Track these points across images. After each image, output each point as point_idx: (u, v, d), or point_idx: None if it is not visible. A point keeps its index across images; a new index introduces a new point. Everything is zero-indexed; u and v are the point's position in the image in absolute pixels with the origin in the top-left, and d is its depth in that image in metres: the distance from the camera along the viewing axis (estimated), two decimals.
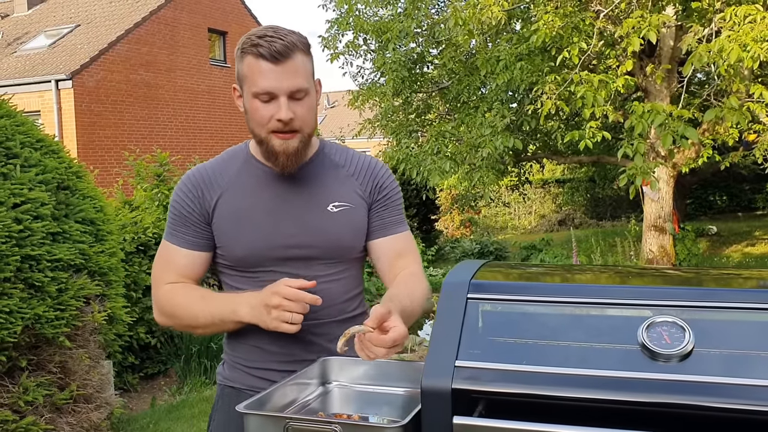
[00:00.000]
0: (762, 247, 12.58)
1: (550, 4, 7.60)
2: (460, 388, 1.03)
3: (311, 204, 1.62)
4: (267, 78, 1.51)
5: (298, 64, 1.53)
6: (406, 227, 1.75)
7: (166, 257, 1.67)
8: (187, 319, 1.61)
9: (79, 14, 17.78)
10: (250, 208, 1.61)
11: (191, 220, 1.63)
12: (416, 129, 11.06)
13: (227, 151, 1.73)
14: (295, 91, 1.52)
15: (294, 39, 1.53)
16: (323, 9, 11.67)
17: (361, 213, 1.66)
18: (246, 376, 1.63)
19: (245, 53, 1.54)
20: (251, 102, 1.55)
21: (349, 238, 1.64)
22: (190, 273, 1.65)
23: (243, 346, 1.64)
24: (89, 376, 3.80)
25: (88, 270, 3.94)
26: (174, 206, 1.65)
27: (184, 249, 1.64)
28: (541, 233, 16.89)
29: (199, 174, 1.66)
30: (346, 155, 1.72)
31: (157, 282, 1.66)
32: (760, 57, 5.82)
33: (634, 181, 6.85)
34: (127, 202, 6.66)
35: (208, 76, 18.26)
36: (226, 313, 1.54)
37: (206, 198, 1.62)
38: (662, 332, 1.05)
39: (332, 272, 1.63)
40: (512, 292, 1.18)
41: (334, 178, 1.66)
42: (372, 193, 1.68)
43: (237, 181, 1.64)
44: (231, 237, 1.61)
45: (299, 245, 1.60)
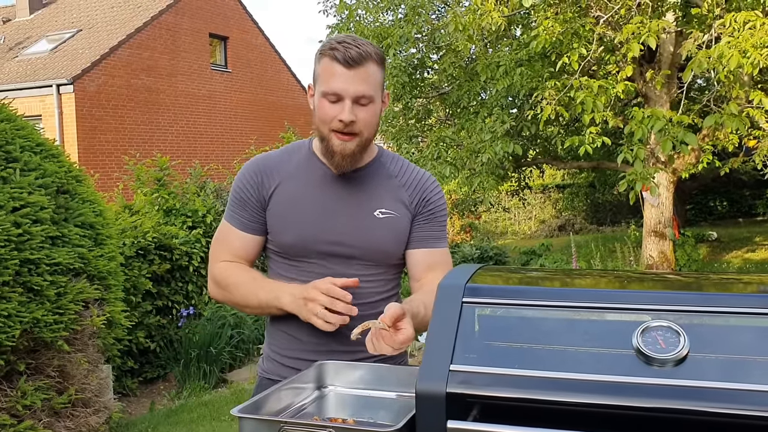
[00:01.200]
0: (762, 252, 12.56)
1: (550, 10, 7.61)
2: (454, 392, 1.03)
3: (360, 207, 1.73)
4: (337, 80, 1.61)
5: (369, 72, 1.63)
6: (446, 244, 1.84)
7: (224, 236, 1.80)
8: (237, 297, 1.74)
9: (81, 19, 17.82)
10: (303, 200, 1.72)
11: (249, 204, 1.74)
12: (416, 134, 11.07)
13: (291, 144, 1.85)
14: (360, 96, 1.62)
15: (369, 49, 1.64)
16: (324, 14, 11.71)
17: (404, 222, 1.75)
18: (279, 367, 1.74)
19: (323, 55, 1.65)
20: (320, 100, 1.65)
21: (390, 244, 1.74)
22: (243, 253, 1.77)
23: (279, 334, 1.75)
24: (88, 380, 3.80)
25: (87, 274, 3.95)
26: (235, 189, 1.77)
27: (239, 231, 1.76)
28: (541, 238, 16.88)
29: (262, 162, 1.78)
30: (401, 166, 1.82)
31: (214, 258, 1.80)
32: (759, 63, 5.83)
33: (633, 187, 6.85)
34: (127, 206, 6.67)
35: (209, 81, 18.28)
36: (270, 298, 1.66)
37: (265, 185, 1.74)
38: (657, 337, 1.05)
39: (369, 273, 1.72)
40: (508, 296, 1.18)
41: (386, 186, 1.77)
42: (418, 205, 1.78)
43: (296, 174, 1.75)
44: (282, 224, 1.72)
45: (343, 243, 1.70)
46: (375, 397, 1.37)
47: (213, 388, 5.93)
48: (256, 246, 1.78)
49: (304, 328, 1.65)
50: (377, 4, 10.53)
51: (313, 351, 1.65)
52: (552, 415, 1.03)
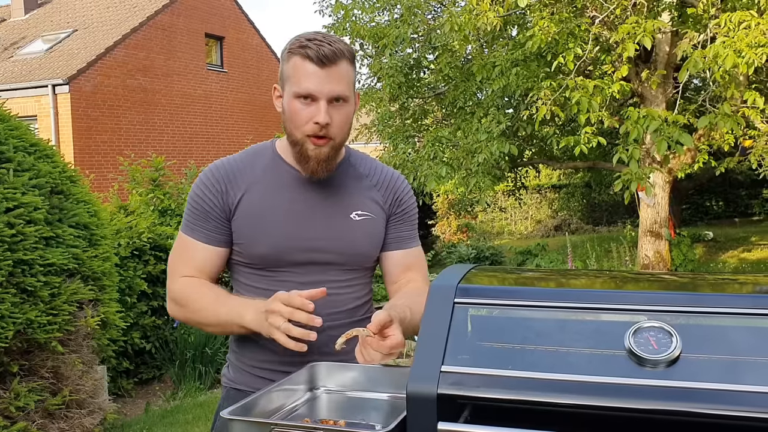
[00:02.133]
0: (758, 252, 12.59)
1: (545, 10, 7.61)
2: (445, 394, 1.03)
3: (335, 210, 1.64)
4: (310, 80, 1.52)
5: (342, 71, 1.54)
6: (418, 242, 1.80)
7: (183, 250, 1.66)
8: (197, 315, 1.61)
9: (77, 19, 17.79)
10: (274, 208, 1.61)
11: (212, 215, 1.62)
12: (413, 134, 11.06)
13: (252, 147, 1.73)
14: (336, 96, 1.54)
15: (342, 47, 1.55)
16: (320, 15, 11.70)
17: (380, 223, 1.70)
18: (251, 378, 1.63)
19: (292, 54, 1.55)
20: (291, 102, 1.55)
21: (368, 246, 1.68)
22: (208, 268, 1.64)
23: (250, 345, 1.63)
24: (82, 381, 3.78)
25: (82, 275, 3.93)
26: (194, 199, 1.64)
27: (202, 244, 1.63)
28: (537, 238, 16.90)
29: (224, 168, 1.65)
30: (371, 166, 1.75)
31: (173, 274, 1.66)
32: (754, 63, 5.84)
33: (629, 187, 6.86)
34: (122, 206, 6.66)
35: (204, 81, 18.26)
36: (233, 316, 1.54)
37: (230, 194, 1.61)
38: (649, 337, 1.04)
39: (346, 279, 1.66)
40: (499, 296, 1.17)
41: (358, 187, 1.69)
42: (392, 205, 1.72)
43: (262, 180, 1.63)
44: (253, 234, 1.60)
45: (320, 249, 1.62)
46: (367, 399, 1.36)
47: (208, 389, 5.92)
48: (221, 259, 1.65)
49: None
50: (373, 4, 10.52)
51: (289, 363, 1.52)
52: (544, 416, 1.03)
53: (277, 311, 1.41)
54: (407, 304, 1.57)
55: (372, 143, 12.08)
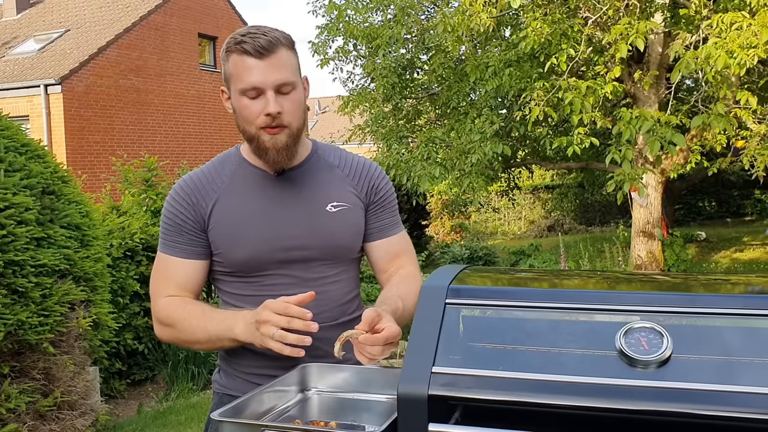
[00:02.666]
0: (750, 252, 12.64)
1: (538, 11, 7.62)
2: (436, 395, 1.02)
3: (310, 205, 1.62)
4: (253, 73, 1.50)
5: (283, 58, 1.53)
6: (402, 227, 1.77)
7: (164, 269, 1.64)
8: (185, 333, 1.58)
9: (69, 19, 17.73)
10: (248, 212, 1.59)
11: (186, 229, 1.60)
12: (406, 135, 11.06)
13: (217, 157, 1.71)
14: (281, 84, 1.52)
15: (277, 35, 1.53)
16: (313, 15, 11.68)
17: (358, 213, 1.66)
18: (243, 383, 1.60)
19: (230, 52, 1.54)
20: (239, 100, 1.54)
21: (349, 238, 1.65)
22: (190, 283, 1.62)
23: (241, 351, 1.60)
24: (74, 382, 3.77)
25: (73, 275, 3.92)
26: (167, 216, 1.63)
27: (181, 259, 1.61)
28: (531, 239, 16.93)
29: (191, 181, 1.64)
30: (341, 156, 1.72)
31: (156, 295, 1.63)
32: (746, 64, 5.86)
33: (621, 187, 6.87)
34: (114, 207, 6.63)
35: (197, 81, 18.23)
36: (222, 330, 1.50)
37: (201, 205, 1.60)
38: (640, 338, 1.04)
39: (332, 274, 1.63)
40: (491, 297, 1.17)
41: (330, 178, 1.66)
42: (368, 194, 1.69)
43: (231, 186, 1.62)
44: (230, 242, 1.58)
45: (301, 246, 1.59)
46: (359, 400, 1.36)
47: (201, 390, 5.91)
48: (201, 273, 1.63)
49: None
50: (366, 5, 10.52)
51: (282, 367, 1.47)
52: (534, 417, 1.02)
53: (270, 321, 1.37)
54: (398, 293, 1.56)
55: (366, 144, 12.08)
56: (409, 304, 1.55)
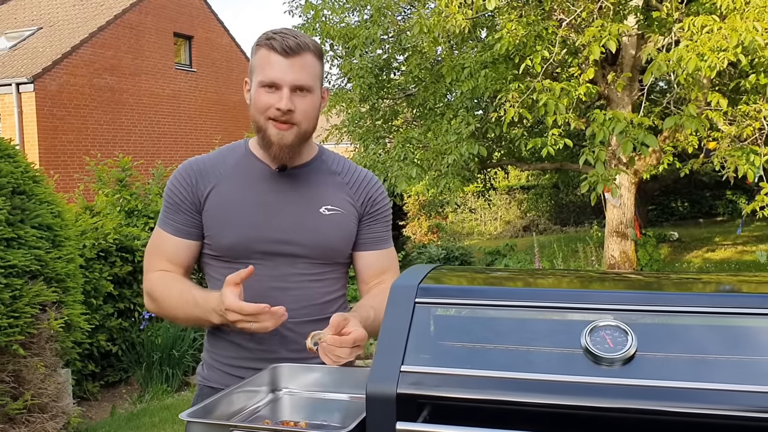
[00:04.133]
0: (722, 252, 12.82)
1: (513, 13, 7.67)
2: (404, 393, 1.03)
3: (304, 204, 1.66)
4: (274, 69, 1.57)
5: (306, 62, 1.59)
6: (392, 243, 1.82)
7: (157, 243, 1.71)
8: (166, 309, 1.66)
9: (42, 17, 17.49)
10: (242, 199, 1.65)
11: (183, 208, 1.67)
12: (383, 135, 11.08)
13: (226, 146, 1.78)
14: (298, 86, 1.58)
15: (307, 41, 1.61)
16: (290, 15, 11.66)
17: (351, 220, 1.71)
18: (224, 375, 1.66)
19: (259, 46, 1.61)
20: (257, 91, 1.60)
21: (337, 240, 1.69)
22: (179, 260, 1.68)
23: (222, 342, 1.67)
24: (45, 384, 3.72)
25: (45, 276, 3.87)
26: (167, 194, 1.70)
27: (173, 236, 1.68)
28: (507, 239, 17.02)
29: (196, 164, 1.70)
30: (344, 164, 1.77)
31: (147, 268, 1.71)
32: (716, 66, 5.94)
33: (595, 188, 6.93)
34: (88, 207, 6.56)
35: (173, 80, 18.08)
36: (201, 313, 1.57)
37: (200, 187, 1.66)
38: (605, 336, 1.06)
39: (315, 272, 1.66)
40: (460, 296, 1.18)
41: (329, 183, 1.71)
42: (364, 205, 1.74)
43: (232, 173, 1.68)
44: (220, 225, 1.64)
45: (288, 241, 1.63)
46: (330, 400, 1.36)
47: (176, 392, 5.86)
48: (192, 252, 1.69)
49: (250, 336, 1.61)
50: (343, 5, 10.52)
51: (260, 359, 1.57)
52: (501, 415, 1.04)
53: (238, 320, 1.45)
54: (371, 304, 1.60)
55: (342, 144, 12.07)
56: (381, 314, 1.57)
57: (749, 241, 13.62)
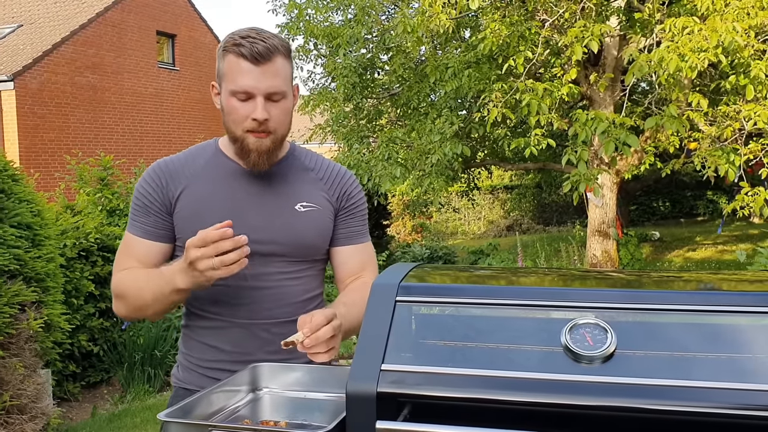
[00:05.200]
0: (703, 252, 12.94)
1: (497, 13, 7.69)
2: (385, 392, 1.03)
3: (279, 201, 1.64)
4: (245, 78, 1.53)
5: (278, 66, 1.56)
6: (368, 238, 1.79)
7: (126, 247, 1.67)
8: (134, 299, 1.58)
9: (22, 14, 17.31)
10: (214, 200, 1.62)
11: (152, 210, 1.63)
12: (367, 135, 11.06)
13: (195, 146, 1.75)
14: (272, 93, 1.55)
15: (276, 42, 1.56)
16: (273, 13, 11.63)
17: (327, 216, 1.69)
18: (200, 377, 1.62)
19: (227, 51, 1.56)
20: (228, 100, 1.57)
21: (314, 237, 1.67)
22: (149, 263, 1.63)
23: (197, 345, 1.64)
24: (24, 385, 3.68)
25: (24, 276, 3.83)
26: (136, 196, 1.66)
27: (143, 239, 1.64)
28: (490, 238, 17.07)
29: (165, 165, 1.67)
30: (316, 160, 1.75)
31: (115, 270, 1.67)
32: (697, 67, 5.99)
33: (577, 188, 6.97)
34: (69, 206, 6.50)
35: (155, 79, 17.96)
36: (164, 285, 1.50)
37: (170, 188, 1.63)
38: (585, 334, 1.06)
39: (292, 270, 1.64)
40: (440, 294, 1.18)
41: (303, 180, 1.69)
42: (339, 200, 1.72)
43: (203, 174, 1.65)
44: (193, 226, 1.56)
45: (263, 240, 1.59)
46: (311, 399, 1.36)
47: (158, 392, 5.82)
48: (162, 254, 1.65)
49: (226, 338, 1.59)
50: (327, 4, 10.50)
51: (237, 361, 1.53)
52: (481, 413, 1.04)
53: (200, 256, 1.37)
54: (344, 301, 1.58)
55: (326, 143, 12.05)
56: (355, 310, 1.56)
57: (729, 241, 13.76)
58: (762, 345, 1.02)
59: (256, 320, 1.60)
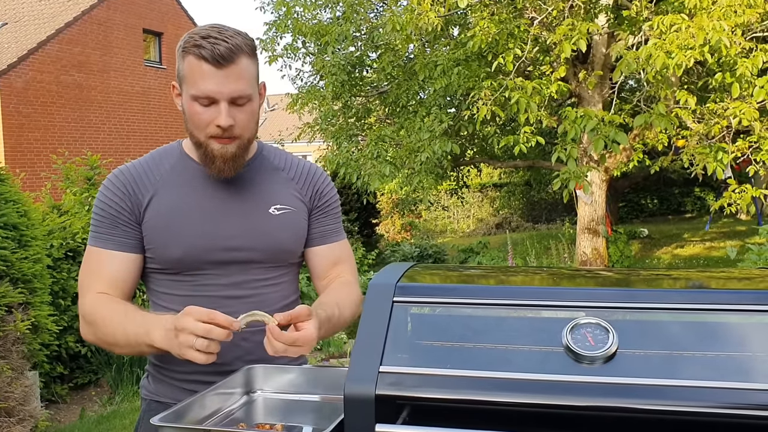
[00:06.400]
0: (690, 248, 13.01)
1: (486, 11, 7.69)
2: (383, 394, 1.01)
3: (252, 206, 1.56)
4: (207, 82, 1.43)
5: (241, 68, 1.46)
6: (344, 235, 1.73)
7: (95, 264, 1.54)
8: (105, 335, 1.47)
9: (6, 12, 17.15)
10: (186, 207, 1.53)
11: (120, 220, 1.52)
12: (356, 133, 11.04)
13: (157, 150, 1.64)
14: (236, 97, 1.46)
15: (239, 41, 1.46)
16: (261, 11, 11.57)
17: (301, 217, 1.62)
18: (173, 389, 1.54)
19: (186, 53, 1.46)
20: (190, 104, 1.47)
21: (291, 241, 1.60)
22: (121, 280, 1.52)
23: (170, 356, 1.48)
24: (11, 388, 3.63)
25: (11, 277, 3.78)
26: (100, 207, 1.54)
27: (115, 252, 1.52)
28: (479, 236, 17.09)
29: (128, 172, 1.56)
30: (286, 159, 1.68)
31: (84, 291, 1.53)
32: (683, 64, 6.01)
33: (567, 185, 6.98)
34: (55, 206, 6.43)
35: (142, 77, 17.85)
36: (140, 333, 1.39)
37: (137, 196, 1.53)
38: (586, 334, 1.05)
39: (270, 276, 1.58)
40: (439, 294, 1.16)
41: (274, 181, 1.62)
42: (312, 199, 1.65)
43: (171, 179, 1.55)
44: (165, 238, 1.51)
45: (240, 248, 1.53)
46: (306, 401, 1.33)
47: None
48: (135, 267, 1.54)
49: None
50: (315, 2, 10.46)
51: (214, 372, 1.42)
52: (482, 415, 1.02)
53: (189, 329, 1.27)
54: (336, 301, 1.53)
55: (315, 142, 12.01)
56: (345, 312, 1.54)
57: (717, 238, 13.84)
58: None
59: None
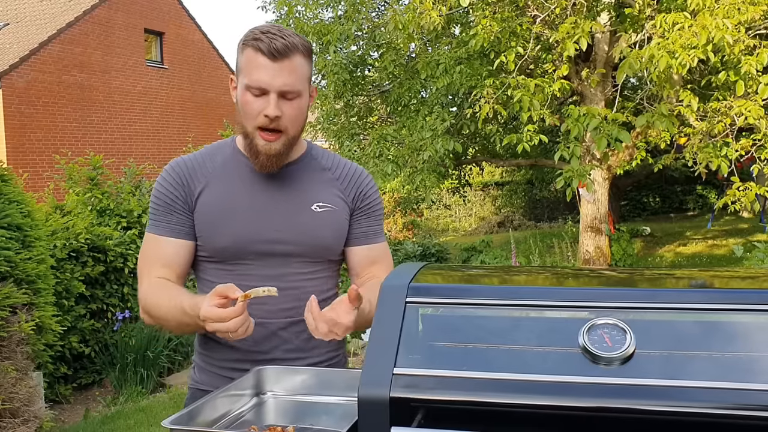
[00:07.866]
0: (693, 246, 12.98)
1: (488, 9, 7.67)
2: (398, 397, 1.00)
3: (296, 202, 1.64)
4: (261, 73, 1.52)
5: (295, 64, 1.54)
6: (384, 238, 1.80)
7: (151, 248, 1.65)
8: (162, 320, 1.59)
9: (8, 13, 17.14)
10: (235, 200, 1.62)
11: (175, 208, 1.62)
12: (358, 132, 11.02)
13: (212, 144, 1.74)
14: (287, 90, 1.54)
15: (296, 41, 1.55)
16: (263, 11, 11.56)
17: (343, 216, 1.69)
18: (216, 378, 1.63)
19: (246, 46, 1.55)
20: (243, 94, 1.56)
21: (331, 238, 1.67)
22: (176, 263, 1.63)
23: (214, 345, 1.64)
24: (16, 389, 3.63)
25: (15, 278, 3.78)
26: (157, 196, 1.65)
27: (169, 237, 1.62)
28: (482, 235, 17.06)
29: (183, 164, 1.66)
30: (333, 160, 1.75)
31: (142, 276, 1.65)
32: (687, 64, 5.98)
33: (570, 184, 6.96)
34: (58, 206, 6.43)
35: (144, 77, 17.84)
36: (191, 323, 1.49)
37: (190, 186, 1.63)
38: (603, 335, 1.04)
39: (308, 271, 1.65)
40: (452, 295, 1.15)
41: (319, 180, 1.69)
42: (355, 199, 1.71)
43: (222, 173, 1.65)
44: (213, 227, 1.61)
45: (282, 241, 1.61)
46: (317, 403, 1.32)
47: (151, 393, 5.77)
48: (187, 253, 1.64)
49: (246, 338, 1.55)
50: (316, 1, 10.44)
51: (253, 360, 1.54)
52: (498, 417, 1.01)
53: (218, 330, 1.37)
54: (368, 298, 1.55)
55: (317, 141, 11.99)
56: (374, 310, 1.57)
57: (719, 235, 13.82)
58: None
59: (274, 320, 1.60)
